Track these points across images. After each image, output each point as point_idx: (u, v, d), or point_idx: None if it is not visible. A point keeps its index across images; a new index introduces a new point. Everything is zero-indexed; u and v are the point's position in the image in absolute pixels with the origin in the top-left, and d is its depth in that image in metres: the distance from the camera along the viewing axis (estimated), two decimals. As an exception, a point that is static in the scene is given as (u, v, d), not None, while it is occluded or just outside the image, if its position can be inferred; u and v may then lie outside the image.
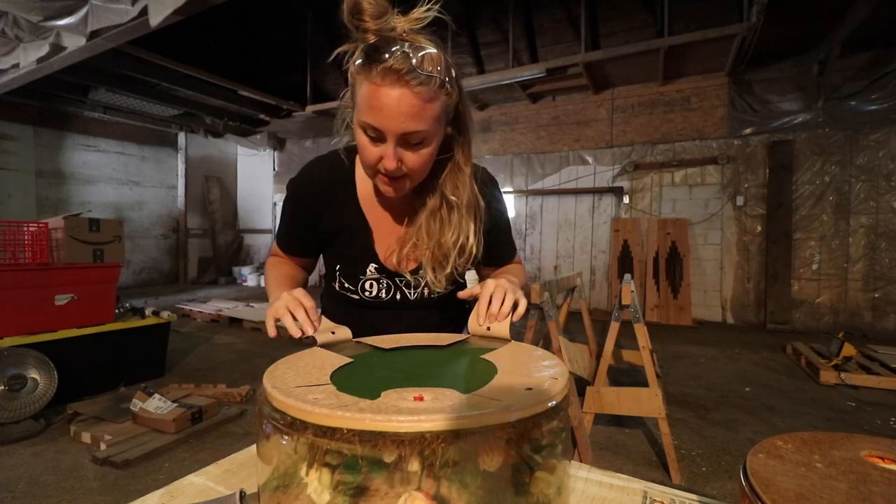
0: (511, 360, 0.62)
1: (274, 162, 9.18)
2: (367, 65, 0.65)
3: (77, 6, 3.44)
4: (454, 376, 0.63)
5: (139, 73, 5.55)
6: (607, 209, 6.14)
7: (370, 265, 0.89)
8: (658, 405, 1.98)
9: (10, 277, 2.48)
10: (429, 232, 0.83)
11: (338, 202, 0.88)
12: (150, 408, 2.36)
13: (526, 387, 0.51)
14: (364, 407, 0.45)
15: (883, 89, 4.74)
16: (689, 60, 5.13)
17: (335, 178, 0.88)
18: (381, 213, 0.89)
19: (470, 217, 0.83)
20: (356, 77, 0.69)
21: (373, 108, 0.67)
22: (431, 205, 0.83)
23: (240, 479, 0.62)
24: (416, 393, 0.50)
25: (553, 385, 0.52)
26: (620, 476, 0.66)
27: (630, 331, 2.13)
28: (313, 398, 0.47)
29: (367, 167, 0.76)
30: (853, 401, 2.92)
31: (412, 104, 0.66)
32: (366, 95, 0.67)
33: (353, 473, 0.45)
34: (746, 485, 0.42)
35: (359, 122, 0.71)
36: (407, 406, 0.46)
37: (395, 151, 0.70)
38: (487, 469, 0.46)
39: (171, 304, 6.04)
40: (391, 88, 0.65)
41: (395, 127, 0.67)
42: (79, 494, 1.81)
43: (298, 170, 0.90)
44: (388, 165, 0.71)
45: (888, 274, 4.80)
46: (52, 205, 6.85)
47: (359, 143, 0.73)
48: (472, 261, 0.86)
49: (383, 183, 0.76)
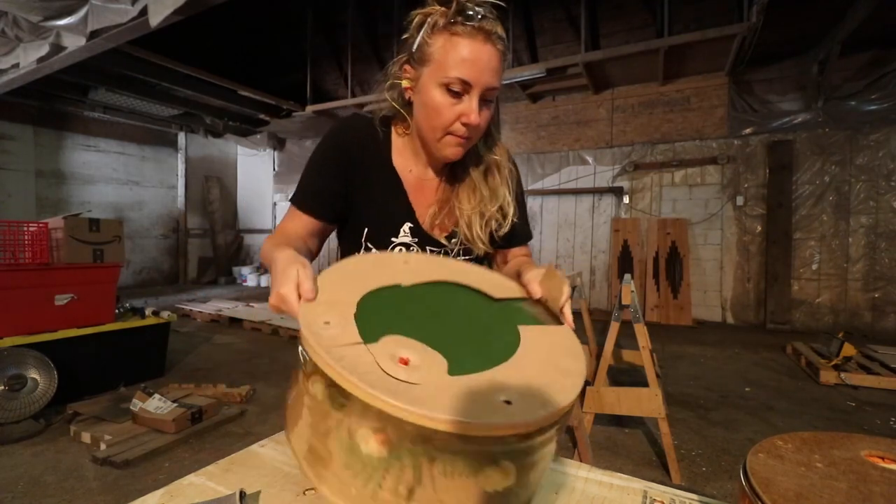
0: (540, 347, 0.59)
1: (274, 162, 9.18)
2: (459, 23, 0.71)
3: (77, 6, 3.44)
4: (471, 339, 0.59)
5: (139, 73, 5.54)
6: (607, 209, 6.14)
7: (405, 224, 0.86)
8: (658, 405, 1.98)
9: (10, 277, 2.48)
10: (470, 195, 0.85)
11: (373, 163, 0.86)
12: (150, 408, 2.36)
13: (507, 399, 0.46)
14: (345, 356, 0.48)
15: (883, 89, 4.74)
16: (689, 60, 5.13)
17: (370, 136, 0.87)
18: (416, 181, 0.88)
19: (505, 182, 0.86)
20: (438, 37, 0.73)
21: (465, 61, 0.71)
22: (473, 170, 0.85)
23: (240, 479, 0.62)
24: (408, 351, 0.51)
25: (539, 408, 0.47)
26: (620, 476, 0.66)
27: (630, 331, 2.13)
28: (324, 323, 0.52)
29: (439, 129, 0.76)
30: (853, 401, 2.92)
31: (497, 61, 0.73)
32: (455, 50, 0.71)
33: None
34: (746, 484, 0.42)
35: (441, 81, 0.73)
36: (373, 370, 0.47)
37: (479, 105, 0.74)
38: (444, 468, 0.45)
39: (171, 304, 6.04)
40: (483, 44, 0.71)
41: (484, 80, 0.72)
42: (79, 494, 1.81)
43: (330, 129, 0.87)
44: (474, 119, 0.73)
45: (888, 274, 4.80)
46: (52, 205, 6.85)
47: (434, 105, 0.74)
48: (508, 225, 0.87)
49: (452, 144, 0.78)
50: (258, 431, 2.41)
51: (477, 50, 0.71)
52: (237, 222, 9.45)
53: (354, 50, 6.71)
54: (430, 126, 0.78)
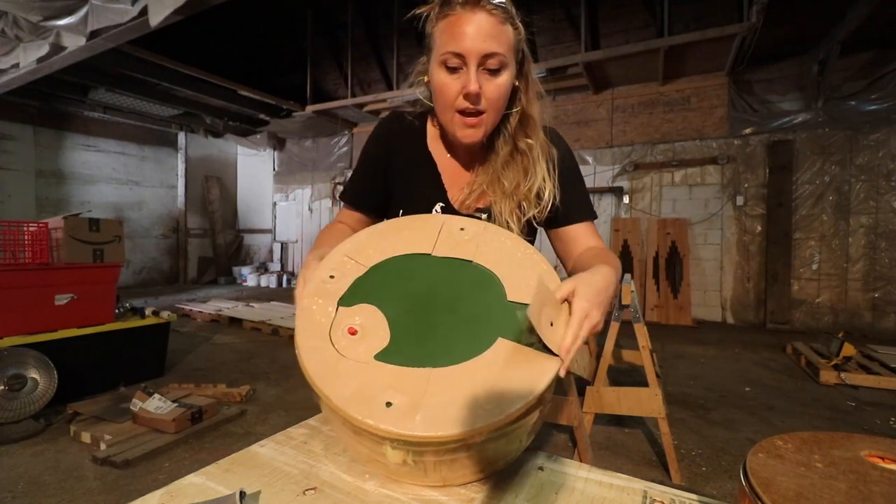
0: (493, 366, 0.55)
1: (274, 162, 9.18)
2: (448, 3, 0.72)
3: (77, 6, 3.44)
4: (440, 332, 0.59)
5: (139, 72, 5.55)
6: (607, 209, 6.14)
7: (437, 204, 0.88)
8: (658, 405, 1.98)
9: (10, 277, 2.48)
10: (502, 178, 0.83)
11: (408, 146, 0.90)
12: (150, 408, 2.36)
13: (390, 402, 0.51)
14: (312, 309, 0.61)
15: (883, 89, 4.74)
16: (689, 60, 5.13)
17: (407, 127, 0.91)
18: (450, 163, 0.89)
19: (543, 163, 0.84)
20: (436, 24, 0.75)
21: (454, 35, 0.71)
22: (504, 152, 0.84)
23: (240, 479, 0.62)
24: (365, 322, 0.59)
25: (483, 414, 0.49)
26: (620, 476, 0.65)
27: (630, 331, 2.13)
28: (328, 277, 0.65)
29: (447, 108, 0.77)
30: (853, 401, 2.92)
31: (491, 23, 0.71)
32: (447, 28, 0.72)
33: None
34: (746, 484, 0.42)
35: (438, 60, 0.74)
36: (320, 332, 0.59)
37: (476, 75, 0.73)
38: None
39: (171, 304, 6.04)
40: (472, 13, 0.71)
41: (476, 47, 0.71)
42: (79, 494, 1.81)
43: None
44: (472, 88, 0.72)
45: (888, 274, 4.80)
46: (52, 205, 6.85)
47: (438, 85, 0.76)
48: (550, 208, 0.84)
49: (462, 125, 0.77)
50: (258, 431, 2.41)
51: (465, 20, 0.71)
52: (237, 222, 9.45)
53: (354, 50, 6.71)
54: (440, 109, 0.79)
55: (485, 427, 0.49)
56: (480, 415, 0.49)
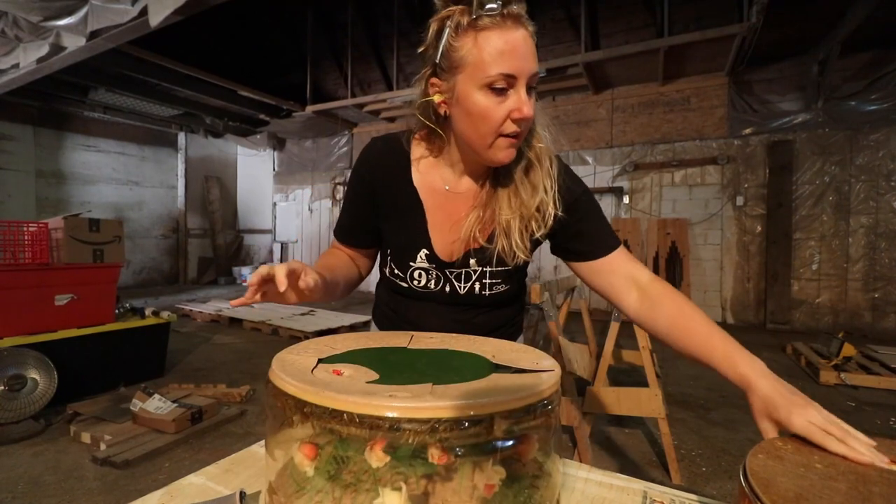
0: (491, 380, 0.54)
1: (274, 162, 9.18)
2: (484, 16, 0.65)
3: (77, 6, 3.44)
4: (443, 372, 0.57)
5: (139, 73, 5.55)
6: (607, 209, 6.14)
7: (421, 251, 0.84)
8: (658, 405, 1.98)
9: (10, 277, 2.48)
10: (511, 197, 0.78)
11: (394, 181, 0.84)
12: (150, 408, 2.36)
13: (392, 394, 0.46)
14: (291, 361, 0.56)
15: (883, 89, 4.74)
16: (689, 60, 5.13)
17: (392, 156, 0.84)
18: (438, 201, 0.83)
19: (547, 174, 0.79)
20: (465, 38, 0.67)
21: (503, 54, 0.65)
22: (515, 169, 0.78)
23: (240, 479, 0.62)
24: (342, 367, 0.55)
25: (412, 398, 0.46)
26: (620, 476, 0.66)
27: (630, 331, 2.13)
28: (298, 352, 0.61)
29: (489, 133, 0.70)
30: (853, 401, 2.92)
31: (532, 44, 0.68)
32: (491, 46, 0.65)
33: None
34: (746, 485, 0.42)
35: (483, 82, 0.67)
36: (301, 371, 0.52)
37: (528, 96, 0.68)
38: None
39: (171, 304, 6.04)
40: (515, 30, 0.66)
41: (527, 67, 0.67)
42: (79, 494, 1.81)
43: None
44: (527, 112, 0.68)
45: (888, 274, 4.80)
46: (51, 205, 6.85)
47: (479, 109, 0.68)
48: (547, 225, 0.79)
49: (504, 147, 0.71)
50: (258, 431, 2.41)
51: (512, 38, 0.65)
52: (237, 222, 9.45)
53: (354, 50, 6.71)
54: (478, 134, 0.71)
55: (511, 399, 0.47)
56: (501, 394, 0.48)
